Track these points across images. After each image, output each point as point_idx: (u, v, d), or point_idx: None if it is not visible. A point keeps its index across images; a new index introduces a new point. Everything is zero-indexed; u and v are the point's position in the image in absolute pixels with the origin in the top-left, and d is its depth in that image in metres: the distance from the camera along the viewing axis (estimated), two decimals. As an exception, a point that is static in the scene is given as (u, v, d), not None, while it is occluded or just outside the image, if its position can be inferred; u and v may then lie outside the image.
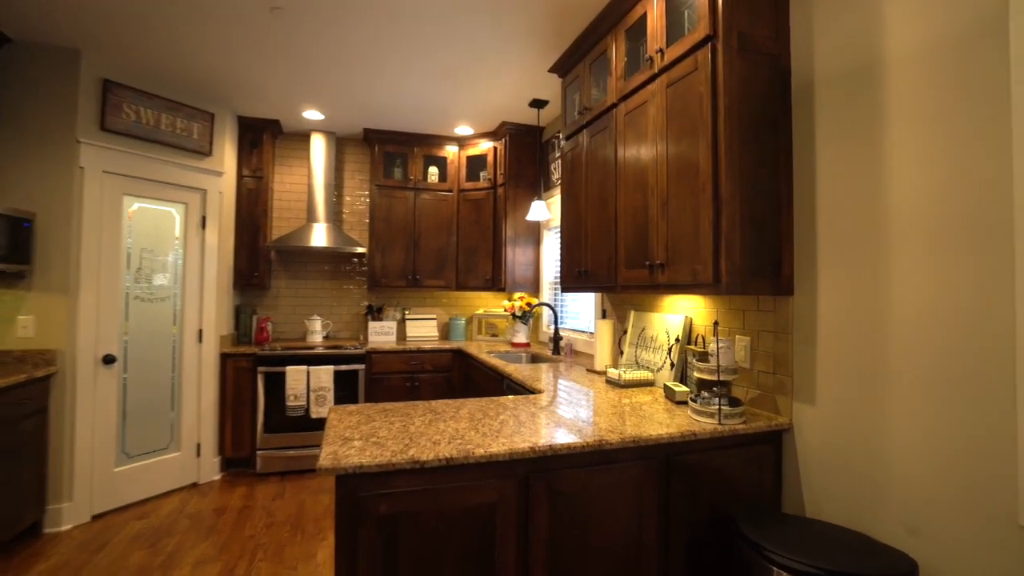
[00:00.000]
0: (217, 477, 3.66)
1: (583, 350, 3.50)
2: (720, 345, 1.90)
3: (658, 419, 1.87)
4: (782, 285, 1.88)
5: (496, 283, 4.39)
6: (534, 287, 4.36)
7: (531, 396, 2.27)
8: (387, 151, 4.49)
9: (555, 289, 4.23)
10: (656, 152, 2.12)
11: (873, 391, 1.61)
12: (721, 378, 1.85)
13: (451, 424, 1.76)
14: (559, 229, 3.60)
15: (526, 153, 4.31)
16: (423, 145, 4.55)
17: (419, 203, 4.52)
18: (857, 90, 1.67)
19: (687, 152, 1.93)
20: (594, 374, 2.87)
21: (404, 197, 4.49)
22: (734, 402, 1.86)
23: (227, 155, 3.84)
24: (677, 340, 2.41)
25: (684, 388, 2.13)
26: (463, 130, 4.43)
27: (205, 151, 3.53)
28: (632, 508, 1.68)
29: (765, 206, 1.86)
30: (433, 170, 4.62)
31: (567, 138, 3.03)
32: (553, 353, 3.69)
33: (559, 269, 3.00)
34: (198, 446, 3.55)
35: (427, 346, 4.21)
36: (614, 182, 2.45)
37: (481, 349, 4.01)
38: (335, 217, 4.66)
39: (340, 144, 4.68)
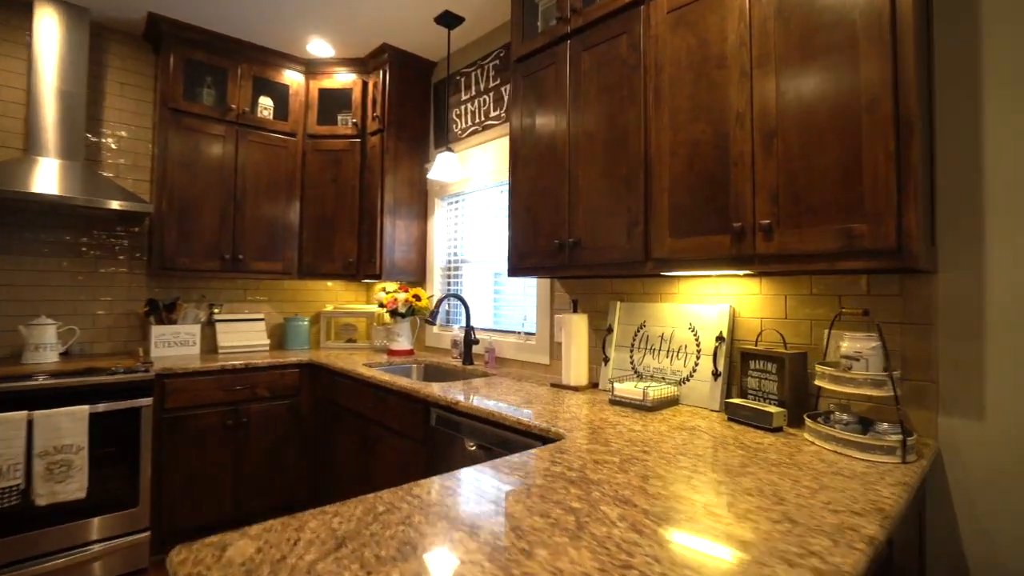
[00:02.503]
0: None
1: (513, 357, 2.62)
2: (870, 344, 1.28)
3: (815, 467, 1.15)
4: (933, 255, 1.36)
5: (364, 268, 3.17)
6: (419, 274, 3.28)
7: (550, 448, 1.33)
8: (192, 60, 2.86)
9: (448, 278, 3.23)
10: (746, 60, 1.40)
11: (1095, 400, 1.16)
12: (898, 392, 1.22)
13: None
14: (507, 189, 2.63)
15: (415, 93, 3.21)
16: (254, 61, 3.05)
17: (244, 147, 3.01)
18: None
19: (833, 57, 1.25)
20: (567, 391, 2.03)
21: (219, 136, 2.92)
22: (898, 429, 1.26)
23: None
24: (720, 339, 1.74)
25: (778, 409, 1.46)
26: (319, 48, 3.09)
27: None
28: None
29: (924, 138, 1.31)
30: (266, 102, 3.14)
31: (523, 59, 2.13)
32: (464, 363, 2.71)
33: (510, 243, 2.07)
34: None
35: (259, 360, 2.77)
36: (641, 111, 1.66)
37: (349, 361, 2.78)
38: (89, 153, 2.80)
39: (100, 35, 2.84)
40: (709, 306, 1.81)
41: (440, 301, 2.64)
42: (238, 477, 2.66)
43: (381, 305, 3.09)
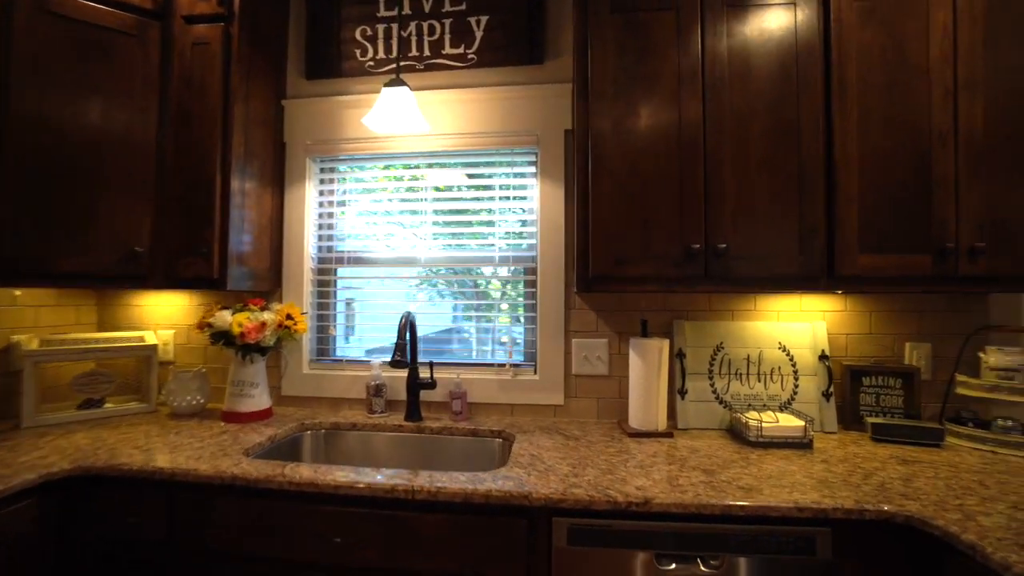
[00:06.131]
0: None
1: (491, 400, 1.78)
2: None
3: (1087, 483, 1.15)
4: None
5: (180, 266, 1.58)
6: (272, 278, 1.88)
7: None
8: None
9: (316, 284, 1.97)
10: (949, 79, 1.32)
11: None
12: None
13: None
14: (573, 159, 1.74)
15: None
16: None
17: None
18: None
19: (1033, 93, 1.30)
20: (656, 440, 1.50)
21: None
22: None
23: None
24: (824, 357, 1.60)
25: (936, 424, 1.42)
26: None
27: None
28: None
29: None
30: None
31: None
32: (410, 418, 1.69)
33: (588, 241, 1.31)
34: None
35: None
36: (819, 103, 1.36)
37: (183, 452, 1.31)
38: None
39: None
40: (798, 324, 1.66)
41: (406, 325, 1.55)
42: None
43: (223, 338, 1.60)
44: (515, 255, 1.85)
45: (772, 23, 1.38)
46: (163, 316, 1.94)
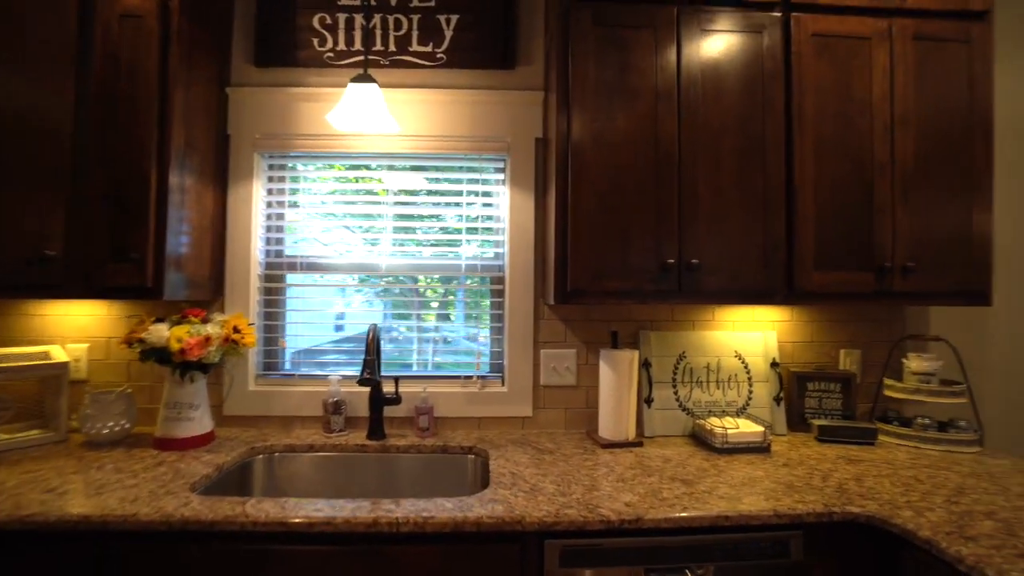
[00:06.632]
0: None
1: (457, 414, 1.72)
2: (937, 364, 1.57)
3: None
4: (914, 295, 1.78)
5: (102, 273, 1.35)
6: (214, 286, 1.67)
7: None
8: None
9: (263, 291, 1.80)
10: (887, 116, 1.45)
11: None
12: (974, 398, 1.53)
13: None
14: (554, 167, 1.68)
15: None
16: None
17: None
18: None
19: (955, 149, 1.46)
20: (626, 449, 1.53)
21: None
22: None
23: None
24: (775, 364, 1.71)
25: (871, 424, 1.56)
26: None
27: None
28: None
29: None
30: None
31: None
32: (372, 436, 1.59)
33: (566, 255, 1.29)
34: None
35: None
36: (781, 126, 1.45)
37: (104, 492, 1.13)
38: None
39: None
40: (752, 333, 1.75)
41: (374, 340, 1.44)
42: None
43: (157, 355, 1.40)
44: (482, 264, 1.79)
45: (742, 47, 1.45)
46: (73, 327, 1.67)
